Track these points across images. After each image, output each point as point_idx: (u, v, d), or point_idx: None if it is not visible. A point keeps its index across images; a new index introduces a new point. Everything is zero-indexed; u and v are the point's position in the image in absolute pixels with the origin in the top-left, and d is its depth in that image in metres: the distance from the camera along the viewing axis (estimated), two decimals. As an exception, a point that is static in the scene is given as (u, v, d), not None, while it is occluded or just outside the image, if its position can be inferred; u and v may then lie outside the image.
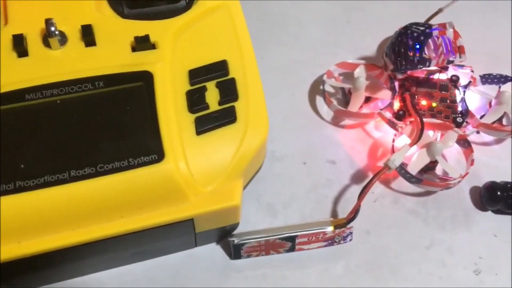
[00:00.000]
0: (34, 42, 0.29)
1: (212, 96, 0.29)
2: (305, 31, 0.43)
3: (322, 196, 0.35)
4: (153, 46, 0.30)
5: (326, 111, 0.39)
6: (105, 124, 0.27)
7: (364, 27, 0.44)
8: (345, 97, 0.40)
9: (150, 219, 0.27)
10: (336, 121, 0.39)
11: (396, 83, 0.38)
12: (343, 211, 0.34)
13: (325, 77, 0.39)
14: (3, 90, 0.27)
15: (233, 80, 0.30)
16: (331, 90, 0.40)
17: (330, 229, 0.32)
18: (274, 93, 0.39)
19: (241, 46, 0.31)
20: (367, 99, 0.38)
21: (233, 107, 0.29)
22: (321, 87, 0.39)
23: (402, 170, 0.34)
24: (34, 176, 0.25)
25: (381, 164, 0.36)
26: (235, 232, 0.32)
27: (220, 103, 0.29)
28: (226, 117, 0.29)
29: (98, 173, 0.26)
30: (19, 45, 0.28)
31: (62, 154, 0.26)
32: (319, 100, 0.40)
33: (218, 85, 0.30)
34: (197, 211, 0.27)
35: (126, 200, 0.26)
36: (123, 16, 0.31)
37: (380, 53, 0.42)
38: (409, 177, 0.34)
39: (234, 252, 0.32)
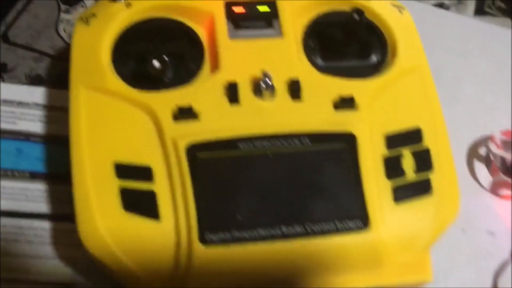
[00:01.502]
0: (245, 91, 0.30)
1: (408, 164, 0.30)
2: (463, 89, 0.43)
3: (482, 268, 0.35)
4: (355, 107, 0.30)
5: (484, 176, 0.39)
6: (312, 183, 0.28)
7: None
8: (503, 165, 0.39)
9: (346, 283, 0.27)
10: (494, 189, 0.38)
11: None
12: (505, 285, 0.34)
13: (489, 143, 0.38)
14: (217, 136, 0.28)
15: (428, 150, 0.30)
16: (492, 157, 0.39)
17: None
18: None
19: (433, 113, 0.32)
20: (530, 172, 0.38)
21: (428, 179, 0.29)
22: (483, 152, 0.39)
23: None
24: (248, 228, 0.26)
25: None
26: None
27: (416, 172, 0.29)
28: (422, 188, 0.29)
29: (306, 233, 0.27)
30: (233, 92, 0.29)
31: (273, 208, 0.27)
32: (477, 164, 0.39)
33: (414, 154, 0.30)
34: (391, 281, 0.28)
35: (327, 262, 0.27)
36: (318, 68, 0.32)
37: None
38: None
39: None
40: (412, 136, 0.30)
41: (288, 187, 0.28)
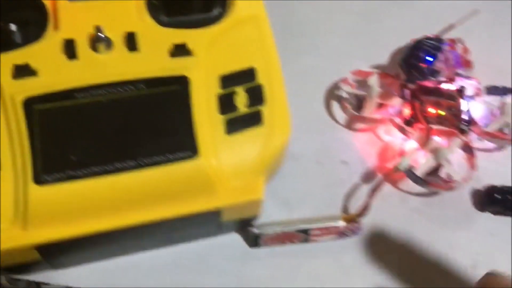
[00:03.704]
0: (82, 46, 0.32)
1: (241, 100, 0.33)
2: (326, 40, 0.46)
3: (334, 194, 0.38)
4: (189, 53, 0.33)
5: (340, 115, 0.42)
6: (146, 123, 0.30)
7: (378, 37, 0.47)
8: (359, 102, 0.43)
9: (182, 208, 0.30)
10: (349, 125, 0.42)
11: (407, 92, 0.41)
12: (354, 208, 0.37)
13: (341, 84, 0.42)
14: (55, 89, 0.30)
15: (260, 86, 0.33)
16: (346, 96, 0.43)
17: (342, 223, 0.35)
18: (293, 97, 0.42)
19: (268, 55, 0.34)
20: (379, 105, 0.41)
21: (259, 111, 0.32)
22: (337, 92, 0.43)
23: (409, 172, 0.37)
24: (82, 166, 0.29)
25: (390, 165, 0.39)
26: (255, 223, 0.36)
27: (248, 107, 0.32)
28: (253, 119, 0.32)
29: (139, 166, 0.29)
30: (70, 48, 0.31)
31: (107, 147, 0.30)
32: (335, 104, 0.43)
33: (246, 90, 0.33)
34: (224, 203, 0.31)
35: (162, 190, 0.30)
36: (161, 23, 0.34)
37: (392, 62, 0.45)
38: (415, 179, 0.37)
39: (254, 241, 0.35)
40: (246, 75, 0.33)
41: (122, 128, 0.30)
